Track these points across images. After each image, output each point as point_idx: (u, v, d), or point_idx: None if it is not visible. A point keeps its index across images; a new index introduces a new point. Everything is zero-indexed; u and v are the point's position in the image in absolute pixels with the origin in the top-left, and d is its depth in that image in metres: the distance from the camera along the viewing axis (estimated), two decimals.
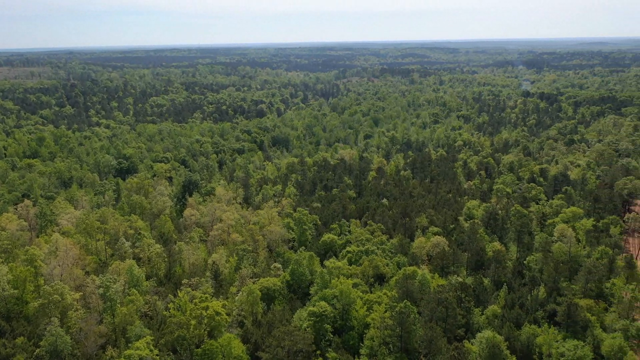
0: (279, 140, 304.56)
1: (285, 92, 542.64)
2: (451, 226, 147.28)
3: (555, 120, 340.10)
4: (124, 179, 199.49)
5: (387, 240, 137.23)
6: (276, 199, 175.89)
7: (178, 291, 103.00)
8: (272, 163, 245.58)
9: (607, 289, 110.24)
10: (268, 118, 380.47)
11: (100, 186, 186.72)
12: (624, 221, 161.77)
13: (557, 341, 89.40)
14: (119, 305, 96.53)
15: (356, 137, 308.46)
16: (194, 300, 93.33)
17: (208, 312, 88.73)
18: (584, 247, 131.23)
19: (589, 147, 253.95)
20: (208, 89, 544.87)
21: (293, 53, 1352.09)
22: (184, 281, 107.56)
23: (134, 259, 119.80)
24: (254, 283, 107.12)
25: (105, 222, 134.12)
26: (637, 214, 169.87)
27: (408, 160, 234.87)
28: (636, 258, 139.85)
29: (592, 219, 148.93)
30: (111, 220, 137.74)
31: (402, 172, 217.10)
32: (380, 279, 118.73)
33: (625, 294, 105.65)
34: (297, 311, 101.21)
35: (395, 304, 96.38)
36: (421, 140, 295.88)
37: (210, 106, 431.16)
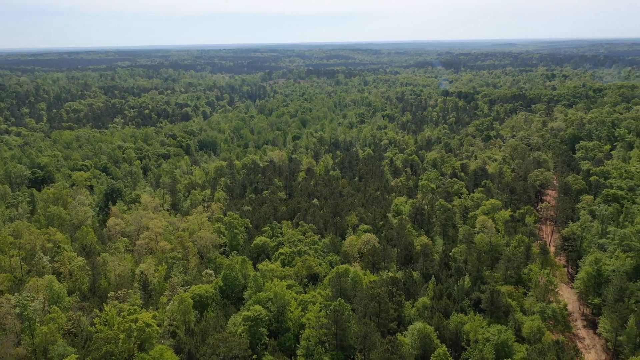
0: (206, 143, 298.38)
1: (210, 94, 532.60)
2: (380, 223, 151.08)
3: (473, 117, 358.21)
4: (39, 190, 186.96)
5: (319, 240, 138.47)
6: (205, 204, 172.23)
7: (104, 305, 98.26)
8: (199, 167, 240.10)
9: (525, 274, 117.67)
10: (194, 121, 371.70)
11: (13, 198, 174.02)
12: (537, 210, 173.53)
13: (482, 327, 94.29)
14: (39, 325, 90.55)
15: (284, 138, 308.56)
16: (122, 313, 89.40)
17: (137, 324, 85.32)
18: (503, 237, 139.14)
19: (504, 143, 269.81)
20: (129, 92, 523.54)
21: (217, 55, 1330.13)
22: (110, 294, 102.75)
23: (53, 274, 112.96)
24: (185, 291, 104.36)
25: (19, 237, 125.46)
26: (549, 203, 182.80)
27: (337, 160, 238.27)
28: (549, 244, 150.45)
29: (509, 209, 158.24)
30: (26, 234, 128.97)
31: (331, 172, 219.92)
32: (314, 278, 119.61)
33: (541, 279, 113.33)
34: (232, 317, 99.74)
35: (329, 302, 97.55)
36: (349, 140, 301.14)
37: (132, 110, 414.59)
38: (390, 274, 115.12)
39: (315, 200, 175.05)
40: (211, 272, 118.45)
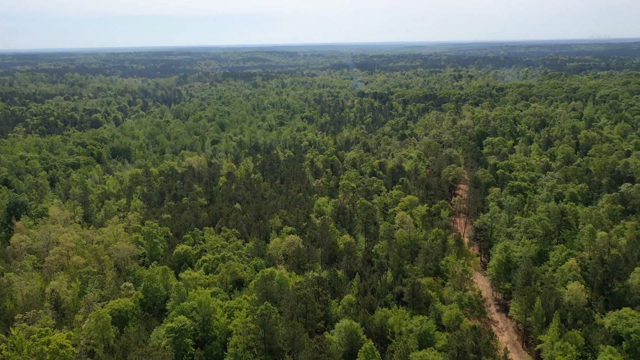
0: (119, 151, 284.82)
1: (122, 99, 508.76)
2: (304, 224, 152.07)
3: (389, 117, 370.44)
4: None
5: (243, 244, 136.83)
6: (121, 214, 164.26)
7: (11, 329, 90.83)
8: (113, 176, 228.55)
9: (442, 266, 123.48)
10: (105, 128, 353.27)
11: None
12: (451, 204, 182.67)
13: (405, 319, 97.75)
14: None
15: (203, 143, 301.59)
16: (32, 336, 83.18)
17: (50, 346, 79.73)
18: (421, 231, 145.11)
19: (418, 141, 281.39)
20: (30, 99, 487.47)
21: (128, 58, 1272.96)
22: (18, 316, 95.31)
23: None
24: (102, 307, 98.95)
25: None
26: (461, 197, 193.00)
27: (257, 163, 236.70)
28: (463, 235, 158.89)
29: (425, 204, 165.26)
30: None
31: (252, 175, 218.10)
32: (239, 284, 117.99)
33: (457, 269, 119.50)
34: (154, 330, 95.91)
35: (256, 307, 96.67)
36: (269, 142, 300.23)
37: (34, 118, 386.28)
38: (316, 274, 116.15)
39: (237, 205, 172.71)
40: (130, 284, 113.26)
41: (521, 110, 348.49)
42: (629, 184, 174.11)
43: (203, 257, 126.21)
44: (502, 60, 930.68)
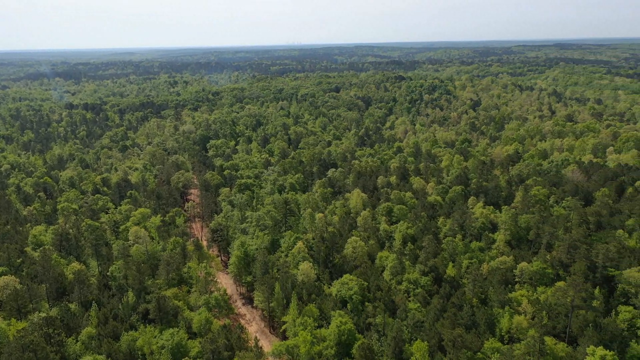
0: None
1: None
2: (18, 260, 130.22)
3: (105, 129, 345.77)
4: None
5: None
6: None
7: None
8: None
9: (185, 273, 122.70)
10: None
11: None
12: (185, 211, 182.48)
13: (155, 337, 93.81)
14: None
15: None
16: None
17: None
18: (159, 242, 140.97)
19: (141, 151, 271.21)
20: None
21: None
22: None
23: None
24: None
25: None
26: (194, 202, 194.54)
27: None
28: (201, 239, 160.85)
29: (159, 215, 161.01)
30: None
31: None
32: None
33: (200, 273, 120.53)
34: None
35: None
36: None
37: None
38: (43, 315, 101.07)
39: None
40: None
41: (238, 112, 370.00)
42: (334, 169, 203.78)
43: None
44: (214, 66, 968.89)
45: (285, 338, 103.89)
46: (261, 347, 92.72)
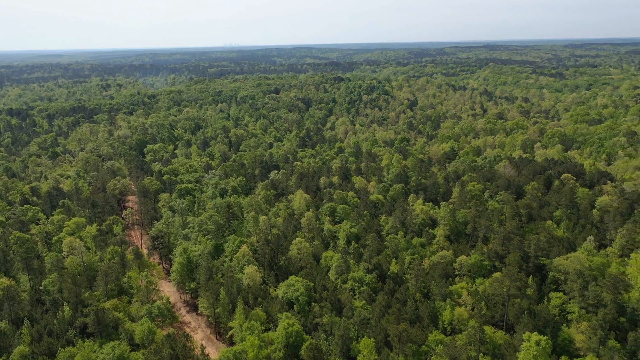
0: None
1: None
2: None
3: (33, 135, 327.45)
4: None
5: None
6: None
7: None
8: None
9: (125, 283, 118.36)
10: None
11: None
12: (123, 218, 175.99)
13: (95, 351, 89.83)
14: None
15: None
16: None
17: None
18: (96, 253, 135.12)
19: (74, 157, 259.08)
20: None
21: None
22: None
23: None
24: None
25: None
26: (132, 209, 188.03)
27: None
28: (141, 247, 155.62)
29: (95, 224, 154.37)
30: None
31: None
32: None
33: (141, 282, 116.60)
34: None
35: None
36: None
37: None
38: None
39: None
40: None
41: (175, 116, 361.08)
42: (276, 171, 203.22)
43: None
44: (149, 68, 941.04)
45: (232, 344, 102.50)
46: (208, 355, 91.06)
